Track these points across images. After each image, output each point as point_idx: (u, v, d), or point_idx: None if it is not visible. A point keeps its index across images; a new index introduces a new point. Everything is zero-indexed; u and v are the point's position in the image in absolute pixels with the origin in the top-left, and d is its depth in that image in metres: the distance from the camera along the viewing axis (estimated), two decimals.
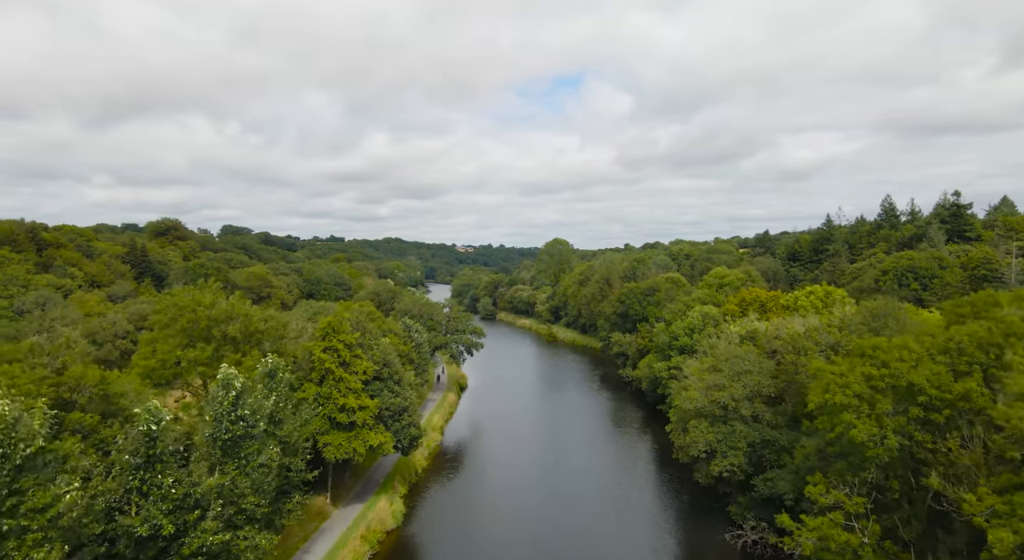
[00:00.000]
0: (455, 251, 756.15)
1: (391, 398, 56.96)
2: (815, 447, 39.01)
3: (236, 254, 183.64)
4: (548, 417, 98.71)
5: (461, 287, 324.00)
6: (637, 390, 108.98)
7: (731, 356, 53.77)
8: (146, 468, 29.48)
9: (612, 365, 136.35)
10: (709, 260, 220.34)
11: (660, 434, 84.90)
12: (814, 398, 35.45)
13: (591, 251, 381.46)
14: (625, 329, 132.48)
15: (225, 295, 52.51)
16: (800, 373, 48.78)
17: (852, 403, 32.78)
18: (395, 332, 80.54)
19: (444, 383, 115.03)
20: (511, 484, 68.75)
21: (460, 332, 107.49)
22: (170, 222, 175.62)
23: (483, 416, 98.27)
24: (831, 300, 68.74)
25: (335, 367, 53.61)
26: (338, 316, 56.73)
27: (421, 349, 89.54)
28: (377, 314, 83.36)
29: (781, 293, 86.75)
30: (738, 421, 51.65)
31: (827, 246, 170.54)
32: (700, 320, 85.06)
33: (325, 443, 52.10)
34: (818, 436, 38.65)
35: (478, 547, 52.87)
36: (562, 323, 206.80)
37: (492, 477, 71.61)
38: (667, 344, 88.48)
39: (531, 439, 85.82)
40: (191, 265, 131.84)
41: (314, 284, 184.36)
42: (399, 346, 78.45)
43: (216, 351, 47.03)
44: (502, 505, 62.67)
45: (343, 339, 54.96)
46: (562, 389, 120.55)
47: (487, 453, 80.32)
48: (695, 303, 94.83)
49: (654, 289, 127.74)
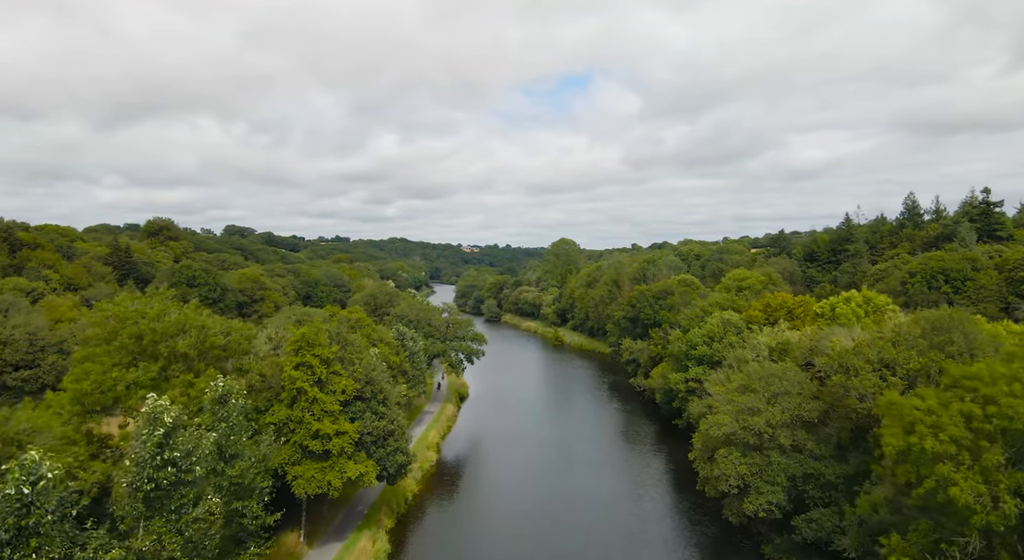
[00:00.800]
0: (461, 251, 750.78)
1: (374, 421, 49.79)
2: (885, 498, 31.67)
3: (231, 255, 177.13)
4: (554, 431, 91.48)
5: (465, 288, 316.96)
6: (649, 401, 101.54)
7: (766, 374, 46.37)
8: (14, 545, 22.29)
9: (622, 372, 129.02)
10: (720, 260, 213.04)
11: (676, 452, 77.50)
12: (892, 441, 28.15)
13: (598, 251, 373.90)
14: (636, 334, 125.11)
15: (179, 304, 45.33)
16: (849, 397, 41.35)
17: (949, 451, 25.48)
18: (386, 341, 73.46)
19: (444, 392, 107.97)
20: (512, 510, 61.55)
21: (460, 339, 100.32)
22: (162, 222, 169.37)
23: (483, 430, 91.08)
24: (872, 307, 61.21)
25: (308, 387, 46.49)
26: (314, 327, 49.59)
27: (416, 359, 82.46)
28: (367, 321, 76.31)
29: (810, 298, 79.28)
30: (775, 451, 44.26)
31: (847, 246, 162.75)
32: (720, 327, 77.63)
33: (294, 475, 44.99)
34: (890, 483, 31.35)
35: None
36: (569, 326, 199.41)
37: (491, 503, 64.42)
38: (684, 353, 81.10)
39: (535, 457, 78.55)
40: (179, 267, 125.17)
41: (311, 286, 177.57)
42: (390, 357, 71.38)
43: (163, 371, 40.04)
44: (502, 536, 55.40)
45: (319, 354, 47.83)
46: (569, 399, 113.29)
47: (486, 474, 73.12)
48: (713, 308, 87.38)
49: (667, 292, 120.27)
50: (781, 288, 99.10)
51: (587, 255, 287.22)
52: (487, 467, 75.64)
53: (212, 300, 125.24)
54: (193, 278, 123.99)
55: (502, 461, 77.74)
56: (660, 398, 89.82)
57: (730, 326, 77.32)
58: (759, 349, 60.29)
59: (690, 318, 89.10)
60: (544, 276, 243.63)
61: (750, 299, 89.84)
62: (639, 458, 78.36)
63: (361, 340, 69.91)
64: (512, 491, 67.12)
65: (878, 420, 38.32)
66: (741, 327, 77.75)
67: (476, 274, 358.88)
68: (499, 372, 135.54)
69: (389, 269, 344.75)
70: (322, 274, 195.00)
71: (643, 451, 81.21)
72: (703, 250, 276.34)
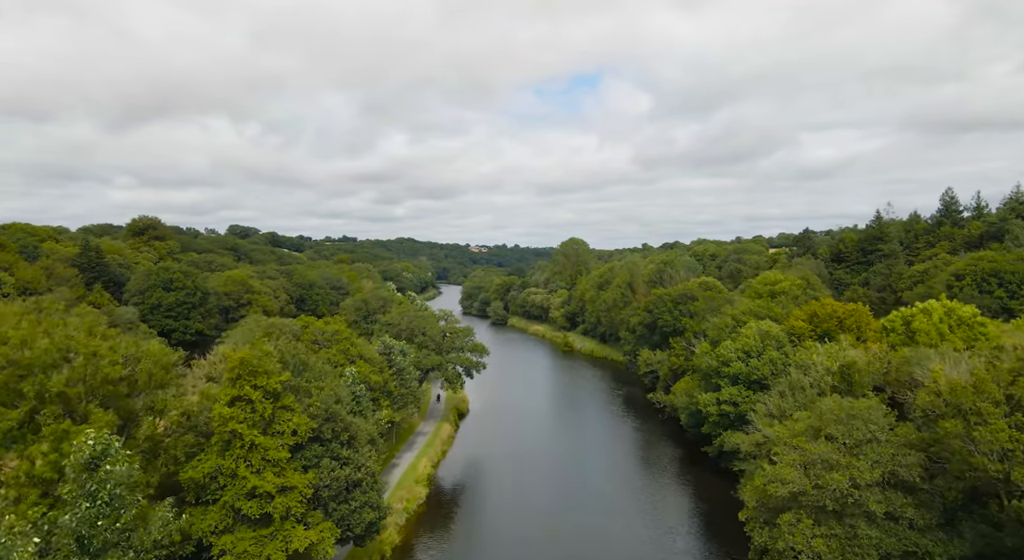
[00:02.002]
0: (469, 251, 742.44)
1: (334, 470, 38.93)
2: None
3: (220, 256, 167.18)
4: (563, 453, 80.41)
5: (472, 289, 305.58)
6: (671, 420, 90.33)
7: (845, 415, 35.17)
8: None
9: (637, 383, 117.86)
10: (739, 261, 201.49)
11: (708, 486, 66.35)
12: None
13: (607, 251, 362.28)
14: (653, 343, 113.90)
15: (62, 322, 34.62)
16: (975, 455, 30.10)
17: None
18: (367, 358, 62.64)
19: (442, 407, 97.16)
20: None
21: (458, 350, 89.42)
22: (148, 220, 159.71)
23: (484, 454, 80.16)
24: (955, 320, 49.77)
25: (246, 429, 35.71)
26: (257, 348, 38.80)
27: (405, 376, 71.65)
28: (346, 333, 65.53)
29: (862, 306, 67.90)
30: (862, 519, 33.16)
31: (880, 246, 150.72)
32: (758, 341, 66.38)
33: (221, 549, 34.21)
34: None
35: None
36: (579, 331, 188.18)
37: (490, 552, 53.58)
38: (714, 369, 69.87)
39: (542, 488, 67.51)
40: (155, 269, 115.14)
41: (306, 288, 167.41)
42: (371, 376, 60.56)
43: (30, 417, 29.45)
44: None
45: (262, 385, 37.07)
46: (580, 414, 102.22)
47: (485, 512, 62.22)
48: (746, 317, 76.09)
49: (688, 296, 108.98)
50: (820, 293, 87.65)
51: (596, 255, 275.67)
52: (486, 502, 64.71)
53: (191, 305, 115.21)
54: (170, 281, 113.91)
55: (504, 494, 66.85)
56: (685, 420, 78.61)
57: (770, 340, 66.05)
58: (814, 371, 49.04)
59: (719, 328, 77.86)
60: (553, 277, 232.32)
61: (788, 306, 78.49)
62: (663, 491, 67.14)
63: (336, 357, 59.17)
64: (515, 534, 56.28)
65: (1014, 485, 27.05)
66: (783, 341, 66.45)
67: (483, 275, 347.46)
68: (503, 383, 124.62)
69: (393, 270, 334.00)
70: (319, 276, 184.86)
71: (666, 482, 70.02)
72: (718, 250, 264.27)
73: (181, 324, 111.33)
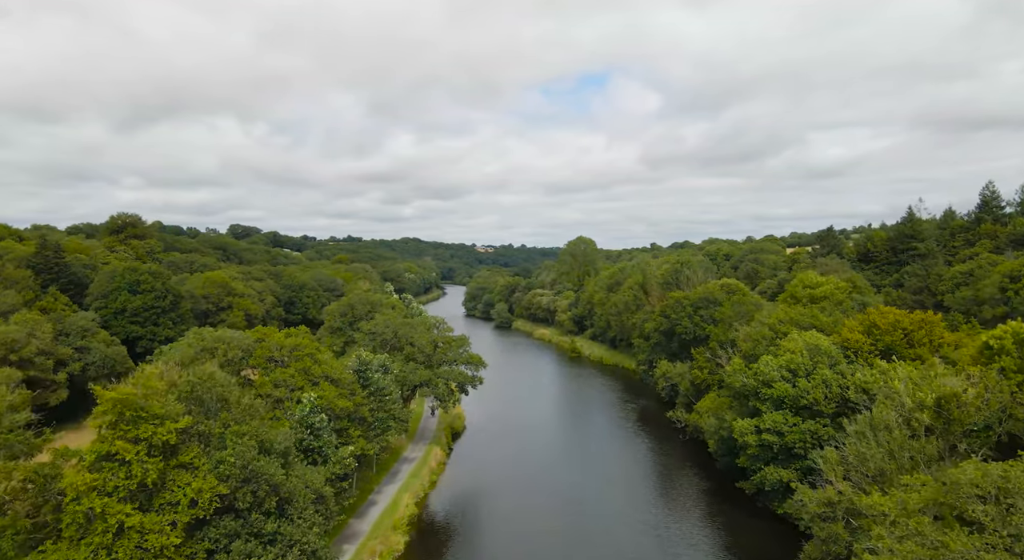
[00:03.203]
0: (475, 251, 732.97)
1: (253, 555, 27.81)
2: None
3: (204, 256, 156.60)
4: (570, 481, 69.02)
5: (476, 291, 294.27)
6: (694, 442, 79.14)
7: (997, 489, 23.78)
8: None
9: (651, 395, 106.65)
10: (756, 261, 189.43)
11: (746, 530, 55.06)
12: None
13: (615, 251, 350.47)
14: (671, 352, 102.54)
15: None
16: None
17: None
18: (333, 379, 51.47)
19: (434, 425, 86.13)
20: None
21: (451, 363, 78.25)
22: (127, 218, 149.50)
23: (479, 484, 69.12)
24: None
25: (114, 504, 24.73)
26: (146, 383, 27.78)
27: (384, 396, 60.53)
28: (311, 347, 54.43)
29: (934, 316, 56.43)
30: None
31: (914, 245, 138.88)
32: (807, 358, 54.97)
33: None
34: None
35: None
36: (587, 335, 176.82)
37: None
38: (750, 390, 58.55)
39: (545, 536, 56.25)
40: (121, 270, 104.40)
41: (295, 291, 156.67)
42: (336, 402, 49.51)
43: None
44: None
45: (145, 436, 26.07)
46: (590, 434, 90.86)
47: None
48: (786, 326, 64.67)
49: (709, 300, 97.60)
50: (869, 298, 75.99)
51: (604, 255, 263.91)
52: (478, 552, 53.57)
53: (160, 309, 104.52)
54: (137, 283, 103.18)
55: (500, 538, 55.77)
56: (715, 447, 67.27)
57: (821, 356, 54.62)
58: (898, 400, 37.63)
59: (753, 339, 66.48)
60: (559, 278, 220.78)
61: (833, 313, 66.94)
62: (690, 534, 55.69)
63: (295, 378, 48.19)
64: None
65: None
66: (837, 358, 55.02)
67: (488, 275, 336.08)
68: (504, 394, 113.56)
69: (394, 270, 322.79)
70: (311, 277, 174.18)
71: (694, 522, 58.53)
72: (732, 249, 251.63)
73: (148, 330, 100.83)
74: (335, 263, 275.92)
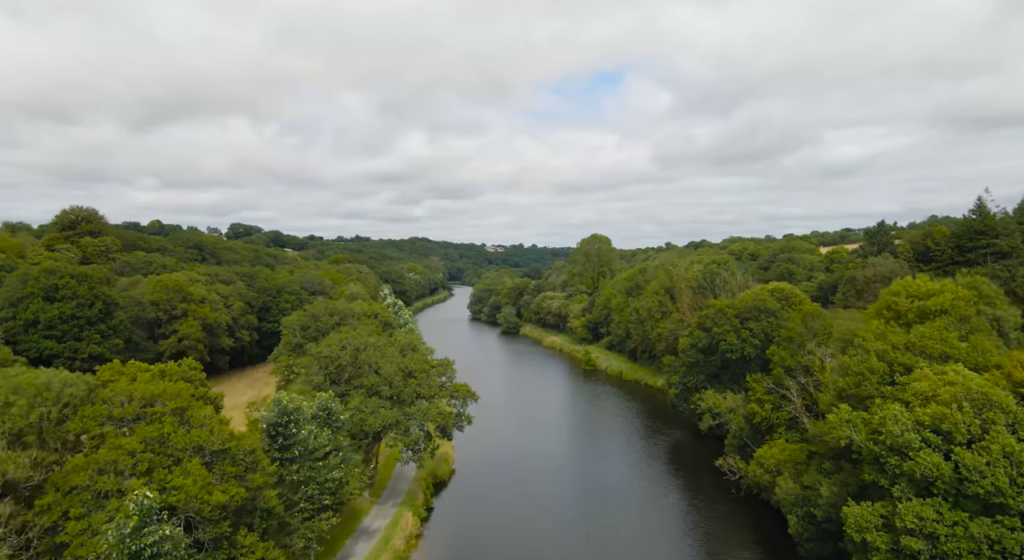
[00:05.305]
0: (484, 251, 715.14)
1: None
2: None
3: (164, 257, 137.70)
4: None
5: (482, 292, 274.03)
6: (752, 500, 59.24)
7: None
8: None
9: (686, 424, 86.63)
10: (791, 261, 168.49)
11: None
12: None
13: (628, 251, 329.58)
14: (711, 373, 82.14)
15: None
16: None
17: None
18: (212, 453, 31.87)
19: (411, 477, 66.42)
20: None
21: (427, 398, 58.23)
22: (81, 212, 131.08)
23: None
24: None
25: None
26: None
27: (316, 460, 40.83)
28: (186, 394, 34.79)
29: None
30: None
31: (992, 241, 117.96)
32: (970, 414, 34.73)
33: None
34: None
35: None
36: (602, 344, 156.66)
37: None
38: (869, 455, 38.41)
39: None
40: (35, 272, 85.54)
41: (271, 295, 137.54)
42: (201, 498, 29.92)
43: None
44: None
45: None
46: (611, 482, 70.24)
47: None
48: (908, 357, 44.34)
49: (761, 311, 77.37)
50: (1002, 310, 55.32)
51: (617, 255, 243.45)
52: None
53: (85, 320, 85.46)
54: (55, 288, 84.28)
55: None
56: (798, 527, 46.90)
57: (994, 411, 34.35)
58: None
59: (856, 374, 46.11)
60: (571, 280, 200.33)
61: (972, 337, 46.43)
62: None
63: (138, 459, 28.44)
64: None
65: None
66: (1017, 414, 34.73)
67: (495, 276, 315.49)
68: (505, 420, 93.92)
69: (395, 271, 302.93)
70: (297, 279, 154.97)
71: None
72: (758, 249, 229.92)
73: (68, 347, 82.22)
74: (331, 263, 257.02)
